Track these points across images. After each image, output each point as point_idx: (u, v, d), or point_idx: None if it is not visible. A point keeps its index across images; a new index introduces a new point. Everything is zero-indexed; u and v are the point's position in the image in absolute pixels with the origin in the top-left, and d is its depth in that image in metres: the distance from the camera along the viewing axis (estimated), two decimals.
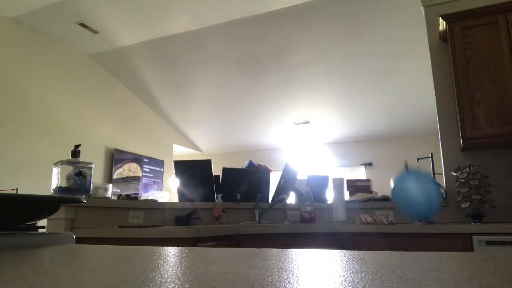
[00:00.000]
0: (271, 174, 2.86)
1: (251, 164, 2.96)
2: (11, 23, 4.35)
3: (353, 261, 0.41)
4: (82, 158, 1.95)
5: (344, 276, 0.31)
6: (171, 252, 0.52)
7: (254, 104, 6.20)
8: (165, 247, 0.58)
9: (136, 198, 2.50)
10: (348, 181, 2.86)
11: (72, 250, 0.58)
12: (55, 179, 1.87)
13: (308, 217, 2.34)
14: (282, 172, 2.73)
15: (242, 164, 3.15)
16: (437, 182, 2.23)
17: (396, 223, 2.29)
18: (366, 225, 2.09)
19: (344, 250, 0.50)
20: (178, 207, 2.48)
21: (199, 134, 7.52)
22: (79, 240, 1.86)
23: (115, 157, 5.61)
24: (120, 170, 5.69)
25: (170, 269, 0.35)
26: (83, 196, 1.93)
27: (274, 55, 5.11)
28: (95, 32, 4.74)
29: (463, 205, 2.21)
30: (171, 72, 5.65)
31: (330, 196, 2.71)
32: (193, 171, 2.60)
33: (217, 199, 2.47)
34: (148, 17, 4.46)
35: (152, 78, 5.82)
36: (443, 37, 2.64)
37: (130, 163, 5.87)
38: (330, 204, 2.58)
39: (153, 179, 6.32)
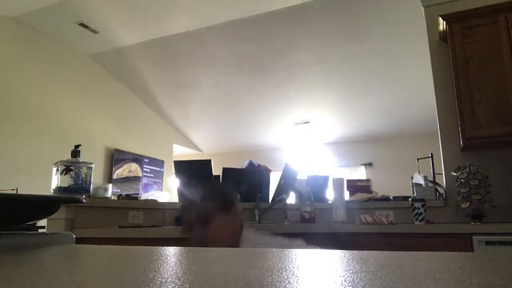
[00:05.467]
0: (271, 174, 2.85)
1: (251, 164, 2.96)
2: (11, 23, 4.35)
3: (353, 261, 0.41)
4: (82, 158, 1.95)
5: (344, 276, 0.31)
6: (171, 252, 0.52)
7: (254, 104, 6.20)
8: (165, 247, 0.58)
9: (136, 198, 2.50)
10: (348, 181, 2.86)
11: (72, 250, 0.58)
12: (55, 179, 1.87)
13: (308, 217, 2.34)
14: (282, 172, 2.73)
15: (242, 164, 3.15)
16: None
17: (396, 223, 2.29)
18: (366, 225, 2.09)
19: (344, 250, 0.50)
20: (178, 207, 2.48)
21: (199, 134, 7.52)
22: (79, 240, 1.86)
23: (115, 157, 5.61)
24: (120, 170, 5.69)
25: (170, 269, 0.35)
26: (83, 196, 1.93)
27: (274, 55, 5.11)
28: (95, 32, 4.74)
29: (463, 205, 2.21)
30: (171, 72, 5.65)
31: (330, 196, 2.71)
32: (193, 171, 2.60)
33: None
34: (148, 17, 4.46)
35: (152, 78, 5.82)
36: (443, 37, 2.64)
37: (130, 163, 5.87)
38: (330, 204, 2.58)
39: (153, 179, 6.32)
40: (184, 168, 2.61)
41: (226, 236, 1.27)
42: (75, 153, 1.92)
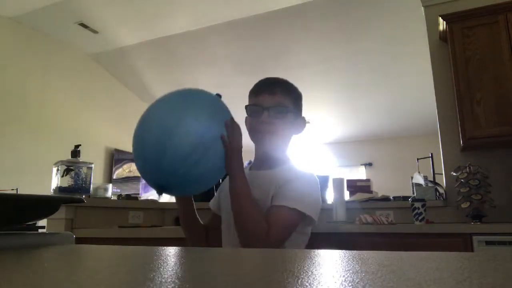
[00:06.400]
0: None
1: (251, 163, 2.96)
2: (11, 23, 4.35)
3: (353, 261, 0.41)
4: (82, 158, 1.95)
5: (344, 276, 0.31)
6: (171, 252, 0.52)
7: None
8: (165, 247, 0.58)
9: (136, 198, 2.51)
10: (348, 181, 2.86)
11: (72, 250, 0.58)
12: (55, 179, 1.87)
13: None
14: None
15: None
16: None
17: (396, 223, 2.29)
18: (366, 225, 2.09)
19: (344, 250, 0.50)
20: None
21: None
22: (79, 240, 1.86)
23: (115, 157, 5.61)
24: (120, 170, 5.69)
25: (170, 269, 0.35)
26: (83, 196, 1.93)
27: (274, 55, 5.11)
28: (95, 32, 4.74)
29: (463, 205, 2.21)
30: (171, 72, 5.64)
31: (330, 196, 2.71)
32: None
33: None
34: (148, 17, 4.46)
35: (152, 78, 5.82)
36: (443, 37, 2.64)
37: (130, 163, 5.87)
38: (330, 204, 2.58)
39: None
40: None
41: (284, 135, 1.19)
42: (75, 153, 1.92)
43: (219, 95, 1.08)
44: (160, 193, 0.93)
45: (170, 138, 0.87)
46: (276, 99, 1.16)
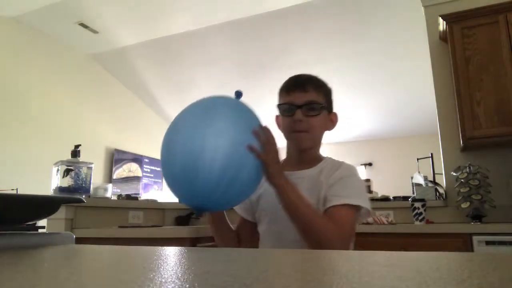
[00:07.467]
0: None
1: None
2: (11, 23, 4.35)
3: (353, 261, 0.41)
4: (82, 158, 1.95)
5: (344, 276, 0.31)
6: (171, 252, 0.52)
7: (254, 104, 6.17)
8: (165, 247, 0.58)
9: (136, 198, 2.51)
10: None
11: (72, 250, 0.58)
12: (55, 179, 1.87)
13: None
14: None
15: None
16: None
17: (396, 223, 2.29)
18: (366, 225, 2.09)
19: (344, 250, 0.50)
20: (178, 207, 2.48)
21: None
22: (79, 240, 1.86)
23: (115, 157, 5.61)
24: (120, 170, 5.69)
25: (170, 269, 0.35)
26: (83, 196, 1.93)
27: (274, 55, 5.11)
28: (95, 32, 4.74)
29: (463, 205, 2.21)
30: (171, 72, 5.64)
31: None
32: None
33: None
34: (148, 17, 4.46)
35: (152, 78, 5.82)
36: (443, 37, 2.64)
37: (130, 163, 5.88)
38: None
39: (153, 179, 6.32)
40: None
41: (319, 133, 1.18)
42: (75, 153, 1.92)
43: (239, 93, 1.04)
44: (200, 213, 0.91)
45: (198, 163, 0.82)
46: (309, 96, 1.14)
